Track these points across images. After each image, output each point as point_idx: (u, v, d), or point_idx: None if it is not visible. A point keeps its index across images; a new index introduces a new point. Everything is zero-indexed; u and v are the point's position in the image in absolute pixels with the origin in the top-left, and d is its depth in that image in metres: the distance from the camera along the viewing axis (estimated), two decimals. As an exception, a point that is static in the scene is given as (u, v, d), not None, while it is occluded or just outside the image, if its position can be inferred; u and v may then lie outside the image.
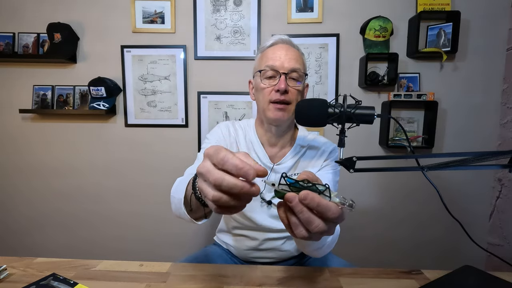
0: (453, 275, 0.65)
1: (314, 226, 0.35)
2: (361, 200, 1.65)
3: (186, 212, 0.54)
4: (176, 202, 0.59)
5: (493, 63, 1.53)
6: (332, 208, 0.35)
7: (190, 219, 0.55)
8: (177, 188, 0.63)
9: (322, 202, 0.34)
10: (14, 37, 1.60)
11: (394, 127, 1.57)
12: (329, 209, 0.35)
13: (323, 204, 0.34)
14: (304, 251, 0.67)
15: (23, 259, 0.71)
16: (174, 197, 0.62)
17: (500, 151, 0.52)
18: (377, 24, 1.48)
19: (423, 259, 1.66)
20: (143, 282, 0.63)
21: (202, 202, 0.47)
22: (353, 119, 0.58)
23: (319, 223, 0.35)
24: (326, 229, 0.36)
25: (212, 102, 1.62)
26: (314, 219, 0.35)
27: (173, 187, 0.66)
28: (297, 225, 0.37)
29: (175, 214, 0.63)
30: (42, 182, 1.70)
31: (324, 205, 0.34)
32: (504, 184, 1.52)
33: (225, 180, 0.33)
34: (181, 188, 0.58)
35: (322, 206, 0.34)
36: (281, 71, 0.77)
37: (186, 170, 0.79)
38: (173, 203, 0.63)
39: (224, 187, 0.34)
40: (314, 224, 0.35)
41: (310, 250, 0.65)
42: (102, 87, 1.54)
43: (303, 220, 0.35)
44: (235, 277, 0.66)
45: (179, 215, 0.60)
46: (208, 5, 1.57)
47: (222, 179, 0.33)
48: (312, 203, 0.34)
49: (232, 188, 0.33)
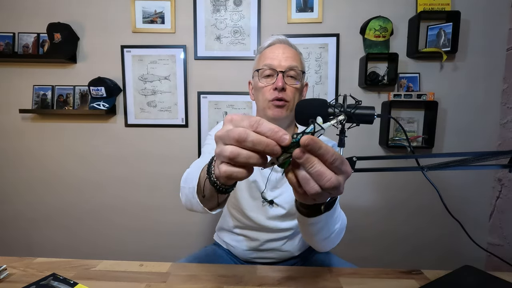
0: (453, 275, 0.65)
1: (327, 179, 0.34)
2: (361, 200, 1.65)
3: (199, 201, 0.53)
4: (188, 191, 0.57)
5: (493, 63, 1.53)
6: (330, 150, 0.34)
7: (203, 208, 0.54)
8: (187, 178, 0.62)
9: (322, 144, 0.34)
10: (14, 37, 1.60)
11: (394, 127, 1.57)
12: (328, 151, 0.34)
13: (324, 146, 0.34)
14: (312, 242, 0.64)
15: (23, 259, 0.71)
16: (184, 187, 0.60)
17: (500, 151, 0.52)
18: (377, 24, 1.48)
19: (423, 259, 1.66)
20: (143, 282, 0.63)
21: (217, 187, 0.45)
22: (353, 119, 0.58)
23: (331, 175, 0.34)
24: (337, 183, 0.35)
25: (212, 102, 1.62)
26: (326, 170, 0.34)
27: (182, 177, 0.65)
28: (307, 180, 0.35)
29: (186, 206, 0.62)
30: (42, 181, 1.70)
31: (324, 146, 0.34)
32: (504, 184, 1.52)
33: (250, 135, 0.33)
34: (193, 177, 0.56)
35: (323, 147, 0.33)
36: (278, 70, 0.78)
37: (193, 163, 0.76)
38: (184, 194, 0.61)
39: (248, 142, 0.33)
40: (326, 176, 0.34)
41: (319, 240, 0.61)
42: (102, 87, 1.54)
43: (315, 173, 0.34)
44: (235, 277, 0.66)
45: (191, 206, 0.59)
46: (208, 5, 1.57)
47: (247, 133, 0.33)
48: (315, 145, 0.33)
49: (257, 144, 0.33)
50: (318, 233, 0.57)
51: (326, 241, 0.62)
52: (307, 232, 0.58)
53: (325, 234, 0.59)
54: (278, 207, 0.85)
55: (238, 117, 0.35)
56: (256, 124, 0.33)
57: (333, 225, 0.59)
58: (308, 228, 0.55)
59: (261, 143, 0.33)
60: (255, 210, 0.85)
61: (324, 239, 0.61)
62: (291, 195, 0.63)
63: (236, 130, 0.33)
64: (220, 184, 0.45)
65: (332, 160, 0.34)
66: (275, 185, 0.85)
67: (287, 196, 0.84)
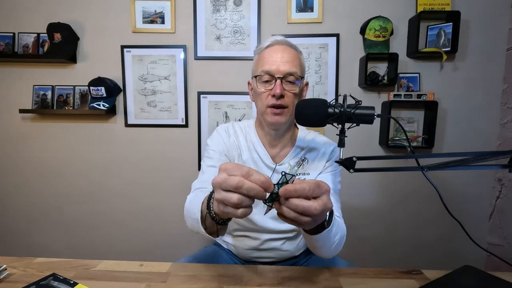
0: (453, 275, 0.65)
1: (313, 209, 0.42)
2: (361, 200, 1.65)
3: (204, 231, 0.58)
4: (193, 222, 0.63)
5: (493, 63, 1.53)
6: (305, 186, 0.43)
7: (208, 236, 0.60)
8: (189, 208, 0.67)
9: (296, 186, 0.42)
10: (14, 37, 1.60)
11: (394, 127, 1.57)
12: (303, 188, 0.43)
13: (298, 187, 0.42)
14: (317, 252, 0.69)
15: (23, 259, 0.71)
16: (189, 217, 0.66)
17: (500, 151, 0.52)
18: (377, 24, 1.48)
19: (423, 259, 1.66)
20: (143, 282, 0.63)
21: (216, 220, 0.53)
22: (353, 119, 0.58)
23: (315, 205, 0.43)
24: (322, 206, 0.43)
25: (212, 102, 1.62)
26: (308, 204, 0.43)
27: (186, 205, 0.70)
28: (299, 217, 0.43)
29: (192, 230, 0.68)
30: (42, 182, 1.70)
31: (298, 187, 0.42)
32: (504, 184, 1.52)
33: (246, 183, 0.41)
34: (195, 208, 0.62)
35: (298, 190, 0.42)
36: (276, 76, 0.76)
37: (193, 184, 0.82)
38: (189, 223, 0.67)
39: (244, 190, 0.40)
40: (311, 208, 0.42)
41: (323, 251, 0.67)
42: (102, 87, 1.54)
43: (301, 211, 0.43)
44: (235, 277, 0.66)
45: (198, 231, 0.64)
46: (208, 5, 1.57)
47: (243, 182, 0.41)
48: (291, 193, 0.42)
49: (251, 190, 0.41)
50: (323, 246, 0.64)
51: (329, 251, 0.68)
52: (312, 245, 0.65)
53: (328, 245, 0.65)
54: None
55: (232, 166, 0.43)
56: (247, 175, 0.42)
57: (334, 236, 0.64)
58: (312, 242, 0.62)
59: (255, 189, 0.41)
60: (257, 213, 0.85)
61: (327, 249, 0.66)
62: None
63: (233, 180, 0.41)
64: (218, 219, 0.53)
65: (311, 193, 0.43)
66: None
67: None
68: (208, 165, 0.85)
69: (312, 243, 0.63)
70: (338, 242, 0.67)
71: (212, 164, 0.85)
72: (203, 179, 0.81)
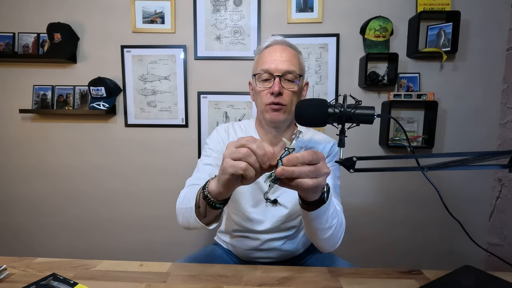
0: (453, 275, 0.65)
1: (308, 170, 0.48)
2: (361, 200, 1.65)
3: (196, 218, 0.60)
4: (185, 212, 0.64)
5: (493, 63, 1.53)
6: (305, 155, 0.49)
7: (202, 225, 0.61)
8: (183, 200, 0.68)
9: (297, 154, 0.49)
10: (14, 37, 1.60)
11: (394, 127, 1.57)
12: (304, 155, 0.49)
13: (299, 155, 0.49)
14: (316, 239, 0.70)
15: (23, 259, 0.72)
16: (181, 208, 0.67)
17: (500, 151, 0.52)
18: (377, 24, 1.48)
19: (423, 259, 1.66)
20: (143, 282, 0.64)
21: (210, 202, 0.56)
22: (353, 119, 0.58)
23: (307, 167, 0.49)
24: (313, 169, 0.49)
25: (212, 102, 1.62)
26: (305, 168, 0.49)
27: (178, 200, 0.71)
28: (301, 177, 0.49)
29: (183, 226, 0.70)
30: (42, 182, 1.70)
31: (299, 155, 0.49)
32: (504, 184, 1.52)
33: (257, 141, 0.49)
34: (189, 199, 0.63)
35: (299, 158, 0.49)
36: (275, 74, 0.77)
37: (187, 181, 0.83)
38: (181, 214, 0.68)
39: (254, 146, 0.48)
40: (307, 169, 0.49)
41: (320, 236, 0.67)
42: (102, 87, 1.54)
43: (301, 174, 0.48)
44: (235, 277, 0.66)
45: (188, 225, 0.67)
46: (208, 5, 1.57)
47: (254, 139, 0.50)
48: (293, 162, 0.48)
49: (260, 149, 0.49)
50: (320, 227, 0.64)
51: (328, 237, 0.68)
52: (310, 226, 0.66)
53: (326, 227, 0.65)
54: (281, 206, 0.85)
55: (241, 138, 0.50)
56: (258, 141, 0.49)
57: (332, 219, 0.65)
58: (310, 222, 0.63)
59: (262, 149, 0.48)
60: (257, 212, 0.86)
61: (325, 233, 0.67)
62: (293, 194, 0.64)
63: (243, 148, 0.49)
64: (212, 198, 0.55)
65: (310, 159, 0.49)
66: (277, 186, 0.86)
67: (290, 196, 0.84)
68: (204, 163, 0.86)
69: (310, 223, 0.63)
70: (335, 228, 0.67)
71: (209, 162, 0.85)
72: (198, 177, 0.82)
